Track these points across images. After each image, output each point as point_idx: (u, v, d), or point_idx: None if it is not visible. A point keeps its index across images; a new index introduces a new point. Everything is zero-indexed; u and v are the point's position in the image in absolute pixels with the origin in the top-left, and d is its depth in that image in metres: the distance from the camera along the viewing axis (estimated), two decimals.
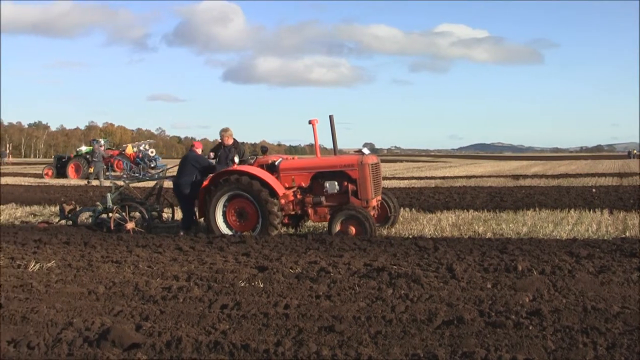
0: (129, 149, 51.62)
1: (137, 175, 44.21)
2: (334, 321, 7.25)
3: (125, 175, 45.45)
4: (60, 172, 47.98)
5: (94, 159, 42.12)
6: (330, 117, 15.33)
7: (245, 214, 14.78)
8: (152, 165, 49.27)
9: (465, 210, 19.05)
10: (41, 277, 10.21)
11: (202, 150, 16.85)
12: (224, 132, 17.16)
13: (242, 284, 9.31)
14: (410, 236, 14.06)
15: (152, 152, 51.13)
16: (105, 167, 46.15)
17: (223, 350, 6.29)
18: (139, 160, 49.55)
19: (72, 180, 44.69)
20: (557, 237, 13.61)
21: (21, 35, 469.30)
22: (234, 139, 17.28)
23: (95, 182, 39.12)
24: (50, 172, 48.50)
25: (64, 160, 49.48)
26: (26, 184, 38.54)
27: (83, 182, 39.08)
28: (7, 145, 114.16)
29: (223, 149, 17.12)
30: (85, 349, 6.45)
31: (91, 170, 43.04)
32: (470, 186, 30.01)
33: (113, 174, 46.97)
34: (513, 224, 15.83)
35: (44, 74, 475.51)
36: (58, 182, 40.45)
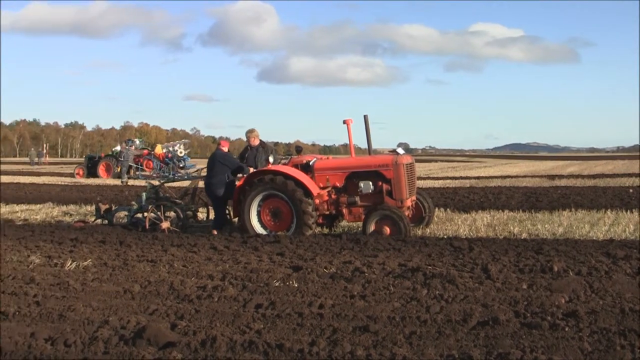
0: (158, 149, 52.02)
1: (166, 174, 44.62)
2: (369, 321, 7.23)
3: (155, 175, 45.86)
4: (91, 172, 48.57)
5: (120, 158, 42.60)
6: (365, 117, 15.30)
7: (280, 214, 14.81)
8: (181, 165, 49.65)
9: (501, 211, 18.91)
10: (77, 275, 10.30)
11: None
12: (249, 133, 17.20)
13: (277, 284, 9.33)
14: (445, 236, 13.99)
15: (180, 152, 51.47)
16: (135, 166, 46.77)
17: (257, 349, 6.30)
18: (168, 160, 49.93)
19: (103, 179, 45.22)
20: (594, 238, 13.46)
21: (58, 36, 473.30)
22: (261, 139, 17.33)
23: (124, 181, 39.56)
24: (81, 172, 49.12)
25: (95, 160, 50.11)
26: (62, 183, 38.89)
27: (117, 182, 39.42)
28: (44, 145, 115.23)
29: (250, 150, 17.16)
30: (121, 347, 6.50)
31: (118, 170, 43.47)
32: (506, 186, 29.77)
33: (143, 173, 47.43)
34: (549, 225, 15.69)
35: (80, 74, 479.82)
36: (94, 182, 40.80)
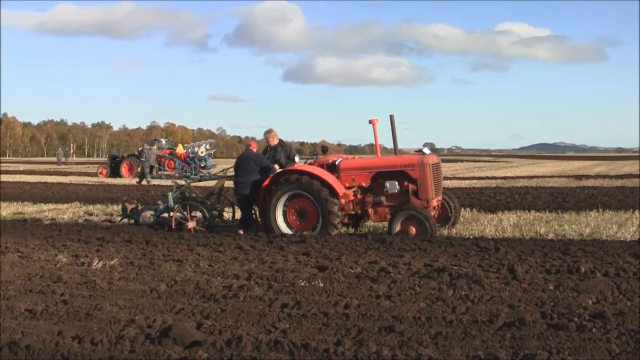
0: (180, 149, 52.42)
1: (188, 174, 45.12)
2: (394, 321, 7.23)
3: (177, 175, 46.44)
4: (114, 171, 49.03)
5: (141, 158, 42.91)
6: (391, 117, 15.27)
7: (306, 214, 14.82)
8: (202, 165, 49.98)
9: (527, 211, 18.82)
10: (104, 274, 10.37)
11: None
12: (268, 133, 17.22)
13: (302, 284, 9.34)
14: (471, 237, 13.93)
15: (202, 152, 51.74)
16: (158, 166, 47.19)
17: (283, 349, 6.31)
18: (189, 159, 50.27)
19: (126, 179, 45.64)
20: (621, 239, 13.35)
21: (85, 36, 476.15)
22: (280, 139, 17.36)
23: (145, 181, 39.83)
24: (104, 171, 49.67)
25: (117, 159, 50.66)
26: (89, 183, 39.15)
27: (144, 182, 39.68)
28: (71, 145, 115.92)
29: (269, 150, 17.19)
30: (147, 346, 6.53)
31: (138, 169, 43.80)
32: (532, 186, 29.62)
33: (165, 173, 47.91)
34: (576, 225, 15.59)
35: (106, 74, 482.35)
36: (120, 182, 41.07)
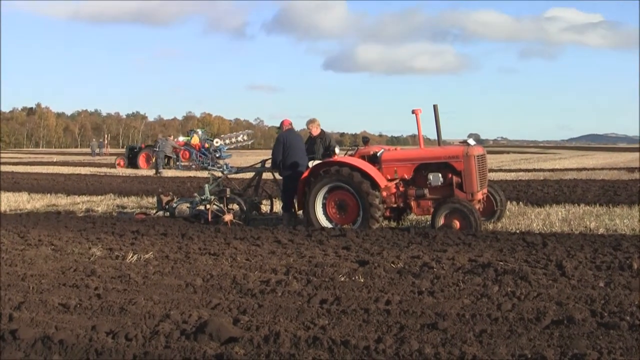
0: (195, 139, 52.77)
1: (206, 165, 45.84)
2: (437, 318, 7.21)
3: (194, 166, 47.04)
4: (132, 162, 49.70)
5: (155, 149, 43.26)
6: (435, 107, 15.21)
7: (346, 207, 14.82)
8: (217, 156, 50.27)
9: (576, 205, 18.64)
10: (139, 268, 10.45)
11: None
12: (311, 123, 17.27)
13: (342, 279, 9.35)
14: (518, 231, 13.85)
15: (216, 142, 52.09)
16: (175, 157, 47.78)
17: (322, 346, 6.32)
18: (204, 150, 50.63)
19: (143, 170, 46.21)
20: None
21: (121, 24, 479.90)
22: (322, 129, 17.38)
23: (161, 173, 40.18)
24: (122, 162, 50.61)
25: (135, 150, 51.34)
26: (123, 174, 39.49)
27: (178, 173, 39.98)
28: (105, 136, 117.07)
29: (310, 140, 17.21)
30: (182, 342, 6.57)
31: (153, 159, 44.22)
32: (582, 179, 29.34)
33: (182, 164, 48.43)
34: (628, 220, 15.42)
35: (142, 63, 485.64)
36: (140, 172, 41.32)
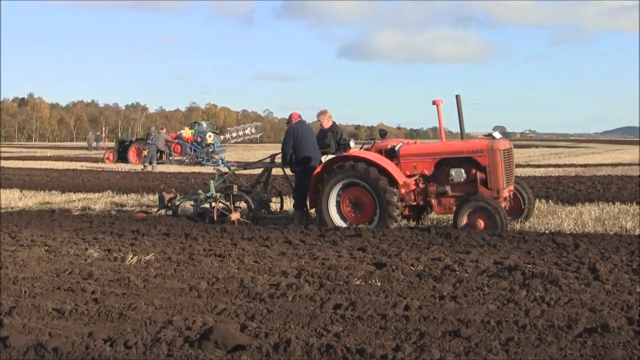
0: (187, 133, 53.02)
1: (200, 159, 46.07)
2: (460, 325, 7.20)
3: (187, 160, 47.30)
4: (122, 157, 49.99)
5: (147, 141, 43.39)
6: (457, 97, 15.18)
7: (361, 205, 14.81)
8: (210, 150, 50.52)
9: (611, 203, 18.58)
10: (139, 271, 10.48)
11: None
12: (322, 114, 17.28)
13: (358, 282, 9.35)
14: (547, 231, 13.82)
15: (209, 136, 52.24)
16: (168, 151, 48.06)
17: (336, 354, 6.32)
18: (196, 144, 50.85)
19: (134, 164, 46.49)
20: None
21: (118, 9, 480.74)
22: (333, 121, 17.37)
23: (149, 168, 40.39)
24: (111, 157, 50.83)
25: (126, 144, 51.66)
26: (123, 170, 39.60)
27: (182, 169, 40.14)
28: (103, 129, 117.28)
29: (320, 134, 17.20)
30: (185, 350, 6.58)
31: (144, 153, 44.35)
32: (617, 175, 29.25)
33: (175, 158, 48.72)
34: None
35: (142, 51, 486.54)
36: (159, 169, 41.39)
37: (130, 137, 60.66)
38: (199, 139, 51.60)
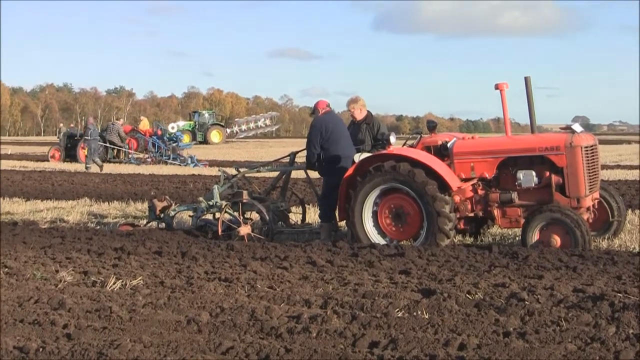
0: (144, 124, 53.14)
1: (165, 158, 46.28)
2: None
3: (149, 159, 47.44)
4: (70, 154, 50.19)
5: (86, 136, 43.30)
6: (526, 80, 15.15)
7: (404, 216, 14.81)
8: (174, 144, 50.57)
9: None
10: (123, 299, 10.52)
11: None
12: (353, 103, 17.22)
13: (399, 314, 9.36)
14: None
15: (172, 128, 52.45)
16: (125, 148, 48.62)
17: None
18: (155, 138, 50.86)
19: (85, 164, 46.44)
20: None
21: None
22: (368, 111, 17.30)
23: (93, 168, 40.42)
24: (57, 155, 50.74)
25: (76, 138, 51.52)
26: (103, 172, 39.67)
27: (177, 170, 40.38)
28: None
29: (353, 126, 17.18)
30: None
31: (83, 151, 44.43)
32: None
33: (136, 156, 48.78)
34: None
35: (129, 23, 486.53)
36: (146, 170, 41.47)
37: (81, 129, 60.39)
38: (159, 132, 51.68)
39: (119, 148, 48.87)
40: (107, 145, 47.73)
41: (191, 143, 56.18)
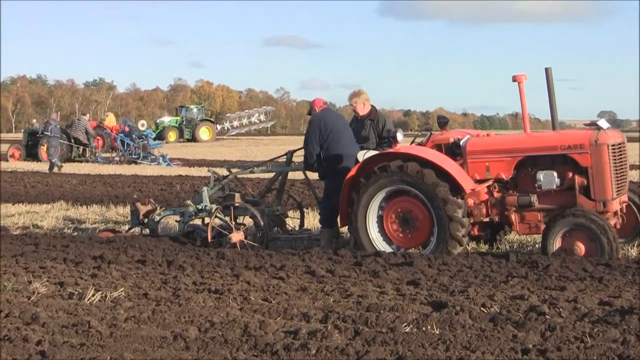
0: (110, 120, 53.22)
1: (135, 157, 46.32)
2: None
3: (117, 159, 47.48)
4: (32, 153, 50.13)
5: (45, 132, 43.29)
6: (547, 72, 15.16)
7: (413, 221, 14.83)
8: (144, 142, 50.59)
9: None
10: (103, 312, 10.51)
11: None
12: (355, 97, 17.19)
13: (407, 329, 9.36)
14: None
15: (142, 125, 52.40)
16: (90, 146, 48.66)
17: None
18: (123, 135, 50.92)
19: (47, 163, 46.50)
20: None
21: None
22: (372, 106, 17.28)
23: (56, 168, 40.45)
24: (17, 154, 50.73)
25: (38, 135, 51.37)
26: (82, 172, 39.66)
27: (161, 171, 40.38)
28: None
29: (356, 122, 17.16)
30: None
31: (43, 150, 44.45)
32: None
33: (103, 155, 48.88)
34: None
35: (108, 8, 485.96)
36: (128, 171, 41.45)
37: (41, 126, 60.43)
38: (127, 129, 51.69)
39: (84, 146, 48.86)
40: (72, 143, 47.79)
41: (162, 142, 56.19)
